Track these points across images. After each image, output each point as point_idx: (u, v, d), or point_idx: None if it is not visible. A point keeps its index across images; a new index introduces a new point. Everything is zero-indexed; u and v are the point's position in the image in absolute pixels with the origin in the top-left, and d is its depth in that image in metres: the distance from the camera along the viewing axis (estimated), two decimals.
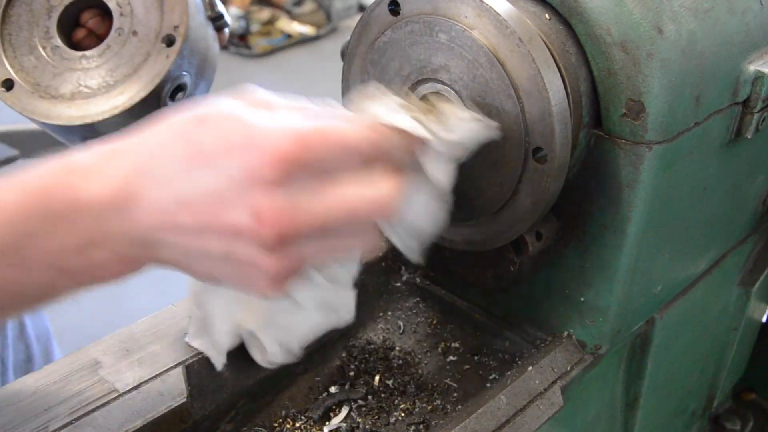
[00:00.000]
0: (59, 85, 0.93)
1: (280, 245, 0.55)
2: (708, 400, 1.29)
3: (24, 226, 0.56)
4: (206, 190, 0.55)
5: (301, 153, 0.55)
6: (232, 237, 0.56)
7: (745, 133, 0.81)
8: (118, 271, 0.60)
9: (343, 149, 0.57)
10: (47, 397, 0.74)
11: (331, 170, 0.57)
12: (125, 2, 0.93)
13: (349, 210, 0.58)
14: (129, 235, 0.57)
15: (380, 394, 0.84)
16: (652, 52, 0.69)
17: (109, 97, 0.92)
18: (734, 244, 1.04)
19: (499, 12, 0.66)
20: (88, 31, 0.98)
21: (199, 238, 0.57)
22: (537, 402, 0.79)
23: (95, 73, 0.93)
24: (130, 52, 0.93)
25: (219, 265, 0.59)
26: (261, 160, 0.54)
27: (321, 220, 0.57)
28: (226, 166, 0.55)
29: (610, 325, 0.83)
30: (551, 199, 0.72)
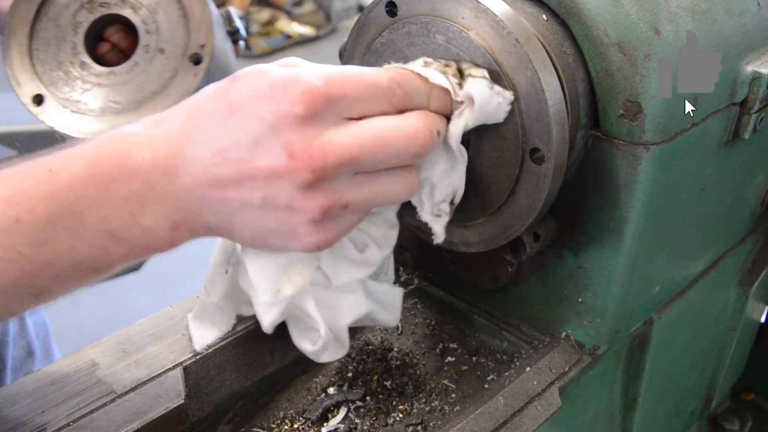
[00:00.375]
0: (89, 100, 0.95)
1: (316, 181, 0.57)
2: (707, 401, 1.29)
3: (79, 191, 0.59)
4: (240, 138, 0.58)
5: (327, 89, 0.58)
6: (269, 180, 0.58)
7: (743, 133, 0.81)
8: (168, 238, 0.62)
9: (369, 87, 0.60)
10: (45, 398, 0.74)
11: (360, 108, 0.60)
12: (151, 20, 0.96)
13: (380, 138, 0.59)
14: (176, 195, 0.60)
15: (378, 395, 0.84)
16: (649, 53, 0.69)
17: (139, 113, 0.94)
18: (732, 245, 1.04)
19: (496, 13, 0.66)
20: (112, 46, 1.00)
21: (238, 189, 0.59)
22: (535, 403, 0.79)
23: (123, 89, 0.95)
24: (157, 70, 0.95)
25: (260, 218, 0.60)
26: (289, 98, 0.57)
27: (353, 150, 0.58)
28: (256, 111, 0.58)
29: (609, 326, 0.83)
30: (549, 200, 0.72)
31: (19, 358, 1.26)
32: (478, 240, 0.77)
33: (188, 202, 0.60)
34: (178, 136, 0.60)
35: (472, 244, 0.78)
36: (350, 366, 0.88)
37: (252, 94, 0.58)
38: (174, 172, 0.59)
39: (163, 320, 0.84)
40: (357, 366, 0.88)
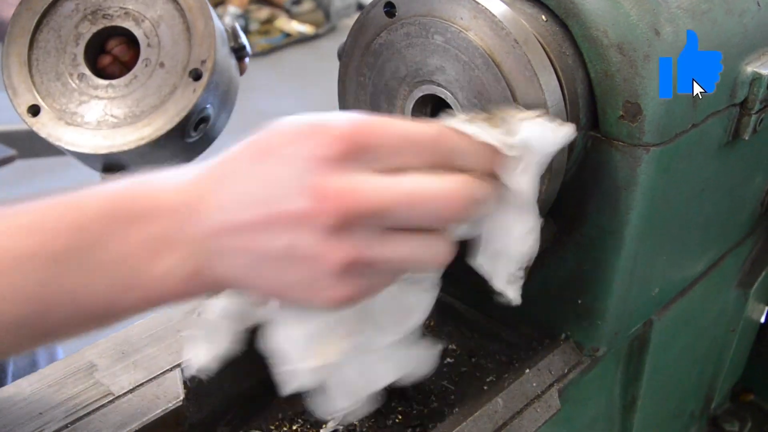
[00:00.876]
0: (85, 112, 0.93)
1: (341, 226, 0.54)
2: (706, 402, 1.29)
3: (98, 228, 0.56)
4: (266, 181, 0.56)
5: (362, 137, 0.55)
6: (293, 225, 0.55)
7: (743, 134, 0.81)
8: (181, 288, 0.58)
9: (407, 140, 0.57)
10: (42, 400, 0.73)
11: (395, 160, 0.56)
12: (153, 33, 0.94)
13: (414, 194, 0.56)
14: (196, 241, 0.57)
15: (377, 396, 0.84)
16: (649, 54, 0.69)
17: (136, 127, 0.92)
18: (732, 246, 1.04)
19: (494, 13, 0.66)
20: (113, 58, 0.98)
21: (259, 236, 0.56)
22: (534, 405, 0.78)
23: (121, 103, 0.93)
24: (156, 84, 0.93)
25: (282, 269, 0.57)
26: (321, 141, 0.54)
27: (384, 199, 0.55)
28: (285, 154, 0.55)
29: (608, 327, 0.83)
30: (548, 201, 0.72)
31: (22, 367, 1.25)
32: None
33: (207, 249, 0.57)
34: (207, 180, 0.58)
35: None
36: None
37: (281, 139, 0.56)
38: (197, 217, 0.57)
39: (162, 321, 0.84)
40: None
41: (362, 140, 0.55)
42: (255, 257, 0.57)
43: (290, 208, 0.55)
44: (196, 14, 0.93)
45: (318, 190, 0.54)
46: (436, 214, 0.57)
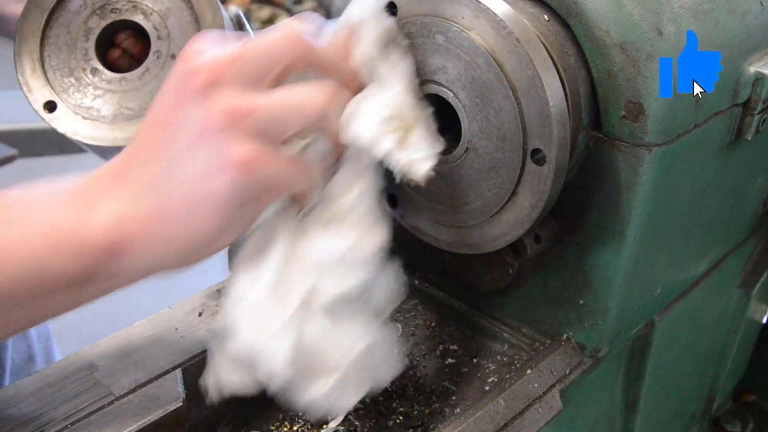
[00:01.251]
0: (101, 106, 0.94)
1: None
2: (708, 402, 1.29)
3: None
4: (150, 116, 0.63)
5: (226, 61, 0.60)
6: (174, 110, 0.60)
7: (746, 134, 0.81)
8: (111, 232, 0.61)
9: (273, 55, 0.62)
10: (42, 401, 0.73)
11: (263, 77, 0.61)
12: (162, 25, 0.95)
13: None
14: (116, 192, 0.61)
15: (378, 397, 0.84)
16: (651, 54, 0.69)
17: None
18: (734, 246, 1.04)
19: (496, 13, 0.65)
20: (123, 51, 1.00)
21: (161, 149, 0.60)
22: (536, 405, 0.78)
23: (135, 95, 0.94)
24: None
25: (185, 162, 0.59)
26: (188, 74, 0.60)
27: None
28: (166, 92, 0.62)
29: (610, 328, 0.83)
30: (550, 202, 0.71)
31: (19, 362, 1.25)
32: (479, 242, 0.77)
33: (128, 194, 0.60)
34: (126, 147, 0.63)
35: (473, 246, 0.78)
36: None
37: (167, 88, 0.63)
38: (119, 173, 0.62)
39: (162, 322, 0.84)
40: None
41: (229, 63, 0.60)
42: (165, 172, 0.60)
43: (168, 102, 0.61)
44: (204, 6, 0.94)
45: (182, 73, 0.60)
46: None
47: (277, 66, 0.62)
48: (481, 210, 0.74)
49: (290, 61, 0.62)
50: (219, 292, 0.90)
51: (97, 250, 0.60)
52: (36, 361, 1.30)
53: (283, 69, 0.62)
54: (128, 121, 0.94)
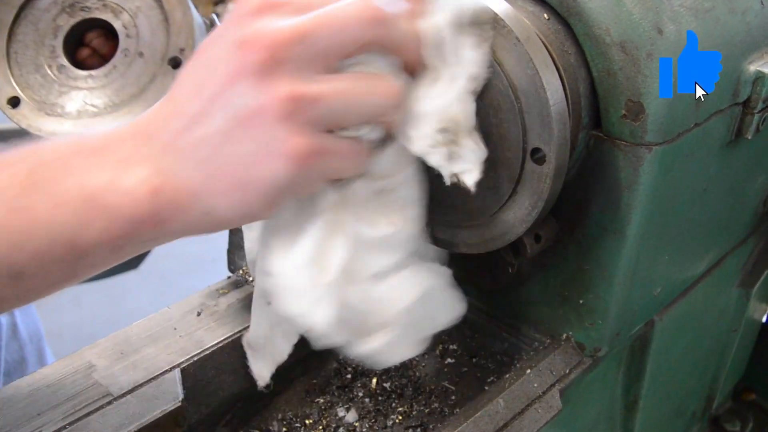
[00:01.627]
0: (65, 103, 0.95)
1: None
2: (708, 401, 1.29)
3: (62, 160, 0.58)
4: (197, 78, 0.57)
5: (291, 39, 0.54)
6: (228, 87, 0.55)
7: (746, 133, 0.81)
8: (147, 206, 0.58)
9: (347, 35, 0.56)
10: (40, 401, 0.73)
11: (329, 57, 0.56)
12: (131, 24, 0.96)
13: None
14: (155, 156, 0.58)
15: (377, 396, 0.84)
16: (651, 53, 0.68)
17: (115, 117, 0.93)
18: (734, 245, 1.04)
19: (495, 11, 0.65)
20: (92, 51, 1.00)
21: (204, 123, 0.56)
22: (535, 405, 0.78)
23: (101, 93, 0.95)
24: (136, 73, 0.94)
25: (234, 146, 0.56)
26: (246, 45, 0.55)
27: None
28: (212, 54, 0.57)
29: (610, 328, 0.82)
30: (550, 201, 0.71)
31: (12, 363, 1.25)
32: (479, 241, 0.76)
33: (166, 160, 0.57)
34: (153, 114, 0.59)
35: (473, 245, 0.77)
36: (349, 367, 0.87)
37: (209, 57, 0.58)
38: (155, 133, 0.58)
39: (161, 321, 0.84)
40: (356, 367, 0.87)
41: (290, 42, 0.55)
42: (209, 148, 0.56)
43: (220, 72, 0.55)
44: (174, 4, 0.94)
45: (238, 42, 0.54)
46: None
47: (349, 48, 0.57)
48: (481, 209, 0.74)
49: (365, 43, 0.57)
50: (218, 291, 0.89)
51: (136, 220, 0.57)
52: (27, 362, 1.30)
53: (355, 50, 0.57)
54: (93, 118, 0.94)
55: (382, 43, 0.58)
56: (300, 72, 0.55)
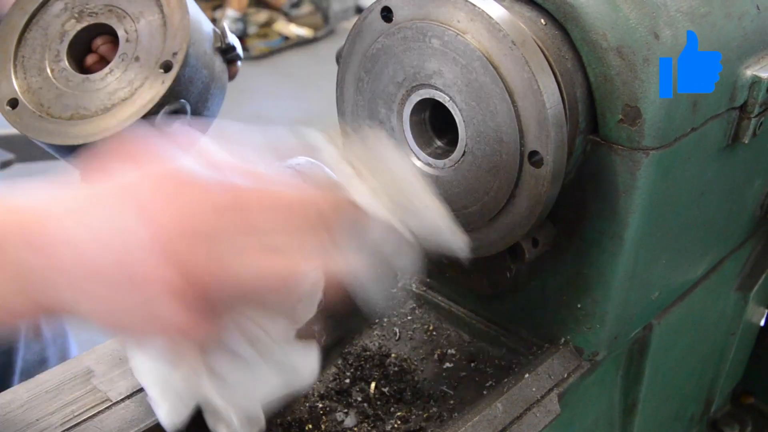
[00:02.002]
0: (61, 106, 0.96)
1: (199, 302, 0.54)
2: (706, 405, 1.29)
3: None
4: (132, 241, 0.54)
5: (234, 206, 0.55)
6: (152, 290, 0.54)
7: (743, 137, 0.81)
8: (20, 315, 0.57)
9: (278, 211, 0.57)
10: (39, 407, 0.73)
11: (265, 229, 0.56)
12: (132, 28, 0.96)
13: (260, 278, 0.56)
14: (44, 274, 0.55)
15: (376, 401, 0.84)
16: (648, 58, 0.69)
17: (105, 119, 0.93)
18: (732, 249, 1.04)
19: (491, 16, 0.65)
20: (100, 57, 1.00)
21: (118, 290, 0.55)
22: (534, 409, 0.78)
23: (94, 96, 0.95)
24: (130, 77, 0.94)
25: (134, 319, 0.56)
26: (192, 209, 0.54)
27: (238, 283, 0.55)
28: (158, 216, 0.54)
29: (608, 332, 0.83)
30: (548, 205, 0.71)
31: (32, 363, 1.25)
32: (478, 246, 0.77)
33: (56, 283, 0.55)
34: (63, 208, 0.56)
35: (472, 250, 0.77)
36: (348, 372, 0.87)
37: (157, 198, 0.56)
38: (50, 249, 0.55)
39: None
40: (354, 372, 0.87)
41: (233, 209, 0.55)
42: (108, 305, 0.55)
43: (150, 272, 0.54)
44: (174, 8, 0.94)
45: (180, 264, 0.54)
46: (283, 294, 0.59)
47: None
48: (480, 214, 0.74)
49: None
50: None
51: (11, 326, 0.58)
52: (49, 363, 1.30)
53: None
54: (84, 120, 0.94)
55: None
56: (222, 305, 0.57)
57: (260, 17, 6.34)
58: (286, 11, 6.52)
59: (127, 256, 0.54)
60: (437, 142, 0.77)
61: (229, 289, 0.56)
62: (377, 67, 0.74)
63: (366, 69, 0.75)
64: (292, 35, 6.31)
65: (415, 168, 0.65)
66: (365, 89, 0.76)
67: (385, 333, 0.93)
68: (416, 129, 0.76)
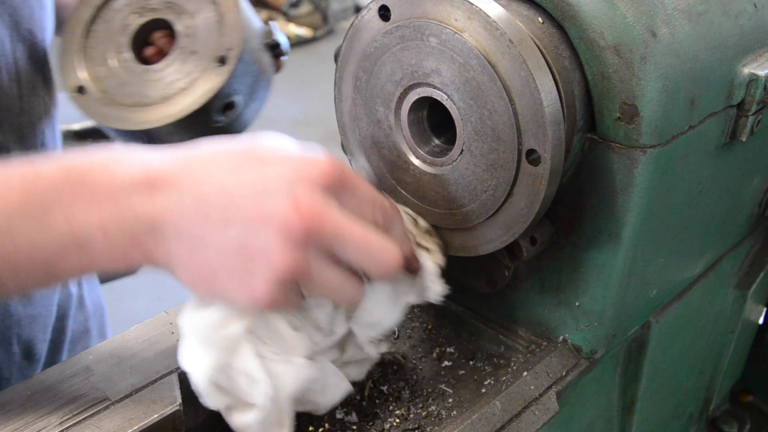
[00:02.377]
0: (124, 94, 1.05)
1: (305, 239, 0.60)
2: (705, 403, 1.29)
3: (55, 188, 0.61)
4: (250, 182, 0.60)
5: (345, 177, 0.63)
6: (261, 224, 0.59)
7: (740, 135, 0.81)
8: (123, 256, 0.62)
9: (371, 195, 0.67)
10: (38, 405, 0.73)
11: (358, 207, 0.65)
12: (191, 24, 1.05)
13: (367, 238, 0.63)
14: (152, 216, 0.61)
15: (374, 399, 0.84)
16: (645, 56, 0.69)
17: (166, 107, 1.02)
18: (730, 247, 1.04)
19: (489, 14, 0.65)
20: (158, 49, 1.09)
21: (222, 227, 0.60)
22: (532, 407, 0.78)
23: (155, 85, 1.04)
24: (187, 69, 1.03)
25: (223, 259, 0.61)
26: (313, 168, 0.61)
27: (346, 231, 0.62)
28: (279, 168, 0.61)
29: (606, 330, 0.83)
30: (546, 203, 0.71)
31: (77, 333, 1.29)
32: (476, 244, 0.77)
33: (162, 226, 0.61)
34: (181, 165, 0.62)
35: (470, 248, 0.78)
36: None
37: (277, 156, 0.62)
38: (160, 194, 0.61)
39: (158, 326, 0.84)
40: None
41: (345, 179, 0.63)
42: (202, 245, 0.61)
43: (266, 209, 0.59)
44: (229, 6, 1.03)
45: (299, 202, 0.59)
46: (373, 261, 0.65)
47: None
48: (478, 212, 0.74)
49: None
50: None
51: (111, 263, 0.63)
52: (91, 334, 1.33)
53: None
54: (145, 107, 1.02)
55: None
56: (317, 258, 0.62)
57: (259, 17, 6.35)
58: (285, 11, 6.52)
59: (246, 204, 0.60)
60: (435, 141, 0.77)
61: (334, 237, 0.61)
62: (375, 66, 0.74)
63: (364, 68, 0.75)
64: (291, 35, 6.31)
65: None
66: (363, 88, 0.76)
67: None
68: (414, 127, 0.76)
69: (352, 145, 0.82)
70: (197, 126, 1.04)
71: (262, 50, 1.09)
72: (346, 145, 0.83)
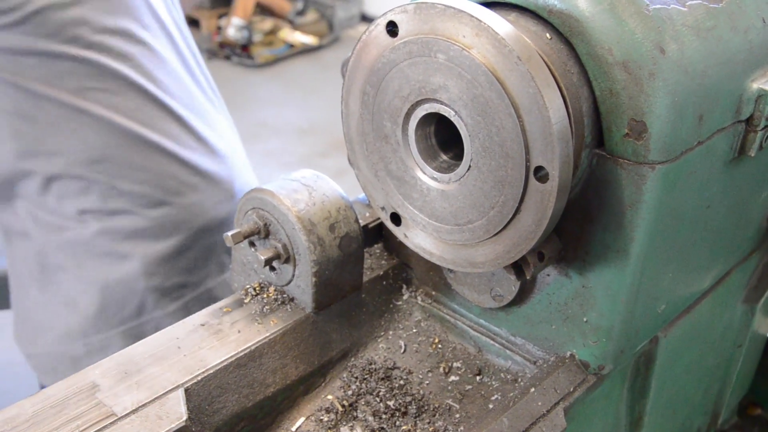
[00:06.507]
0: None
1: None
2: (713, 417, 1.28)
3: None
4: None
5: None
6: None
7: (749, 151, 0.81)
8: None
9: None
10: (45, 421, 0.73)
11: None
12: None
13: None
14: None
15: (381, 414, 0.84)
16: (654, 72, 0.69)
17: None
18: (738, 261, 1.03)
19: (497, 31, 0.65)
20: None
21: None
22: (540, 424, 0.78)
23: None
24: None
25: None
26: None
27: None
28: None
29: (614, 345, 0.82)
30: (554, 219, 0.71)
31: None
32: (483, 260, 0.76)
33: None
34: None
35: (477, 264, 0.77)
36: (353, 385, 0.87)
37: None
38: None
39: (164, 341, 0.84)
40: (360, 385, 0.87)
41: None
42: None
43: None
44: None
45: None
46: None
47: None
48: (485, 228, 0.74)
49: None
50: (221, 310, 0.89)
51: None
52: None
53: None
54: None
55: None
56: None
57: (265, 25, 6.36)
58: (291, 19, 6.53)
59: None
60: (442, 156, 0.77)
61: None
62: (382, 82, 0.74)
63: (371, 83, 0.75)
64: (297, 43, 6.32)
65: None
66: (370, 103, 0.76)
67: (390, 346, 0.93)
68: (421, 143, 0.76)
69: (359, 159, 0.82)
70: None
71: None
72: (353, 159, 0.83)
